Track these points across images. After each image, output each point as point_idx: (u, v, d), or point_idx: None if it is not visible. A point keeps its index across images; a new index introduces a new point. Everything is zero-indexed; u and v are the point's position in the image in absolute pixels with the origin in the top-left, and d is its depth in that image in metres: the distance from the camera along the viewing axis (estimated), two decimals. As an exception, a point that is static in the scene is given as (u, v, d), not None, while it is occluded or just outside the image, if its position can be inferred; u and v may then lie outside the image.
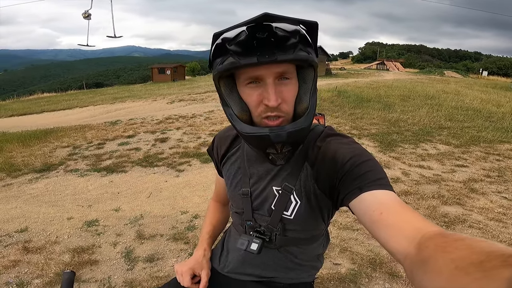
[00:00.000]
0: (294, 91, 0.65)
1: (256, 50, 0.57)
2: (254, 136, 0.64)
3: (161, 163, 4.38)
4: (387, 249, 0.51)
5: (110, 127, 6.71)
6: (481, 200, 3.30)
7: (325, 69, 32.56)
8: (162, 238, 2.50)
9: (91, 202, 3.18)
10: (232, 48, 0.59)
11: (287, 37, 0.58)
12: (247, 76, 0.62)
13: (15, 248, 2.32)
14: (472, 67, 63.98)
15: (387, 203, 0.55)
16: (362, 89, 13.05)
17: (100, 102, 13.61)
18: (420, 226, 0.47)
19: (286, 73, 0.62)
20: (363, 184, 0.58)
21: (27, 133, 6.32)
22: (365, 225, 0.56)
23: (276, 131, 0.62)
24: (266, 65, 0.59)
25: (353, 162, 0.62)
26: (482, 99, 11.94)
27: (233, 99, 0.66)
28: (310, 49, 0.62)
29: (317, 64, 0.65)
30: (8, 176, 3.91)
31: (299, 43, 0.59)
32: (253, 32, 0.57)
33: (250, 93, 0.64)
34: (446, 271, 0.33)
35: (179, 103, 10.79)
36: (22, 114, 12.13)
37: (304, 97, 0.65)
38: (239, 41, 0.58)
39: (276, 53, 0.57)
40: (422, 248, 0.41)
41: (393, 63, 52.65)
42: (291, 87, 0.64)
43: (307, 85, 0.65)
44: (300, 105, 0.65)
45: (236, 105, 0.66)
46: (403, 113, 8.49)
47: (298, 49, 0.59)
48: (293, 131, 0.63)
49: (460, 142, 5.78)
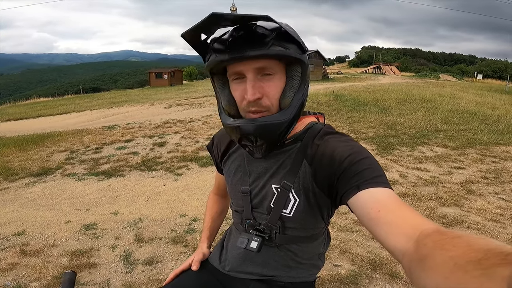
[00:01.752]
0: (277, 87, 0.66)
1: (230, 47, 0.60)
2: (229, 126, 0.68)
3: (159, 167, 4.36)
4: (386, 246, 0.51)
5: (108, 132, 6.69)
6: (478, 201, 3.32)
7: (322, 73, 32.75)
8: (161, 241, 2.49)
9: (89, 205, 3.17)
10: (213, 46, 0.63)
11: (263, 34, 0.60)
12: (231, 72, 0.66)
13: (13, 251, 2.29)
14: (467, 70, 64.57)
15: (385, 200, 0.55)
16: (359, 93, 13.14)
17: (98, 107, 13.58)
18: (418, 223, 0.47)
19: (266, 68, 0.63)
20: (361, 182, 0.59)
21: (24, 138, 6.28)
22: (363, 223, 0.57)
23: (247, 123, 0.65)
24: (244, 62, 0.62)
25: (351, 160, 0.63)
26: (477, 102, 12.07)
27: (224, 93, 0.70)
28: (291, 45, 0.63)
29: (303, 60, 0.65)
30: (5, 180, 3.88)
31: (273, 39, 0.60)
32: (232, 31, 0.60)
33: (236, 88, 0.67)
34: (445, 269, 0.33)
35: (177, 108, 10.78)
36: (18, 118, 12.06)
37: (288, 93, 0.66)
38: (219, 39, 0.62)
39: (247, 50, 0.60)
40: (420, 246, 0.41)
41: (389, 67, 53.11)
42: (273, 83, 0.65)
43: (293, 81, 0.66)
44: (284, 101, 0.66)
45: (225, 98, 0.70)
46: (400, 117, 8.56)
47: (270, 44, 0.60)
48: (262, 124, 0.65)
49: (457, 145, 5.82)
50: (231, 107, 0.70)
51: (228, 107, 0.70)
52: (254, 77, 0.63)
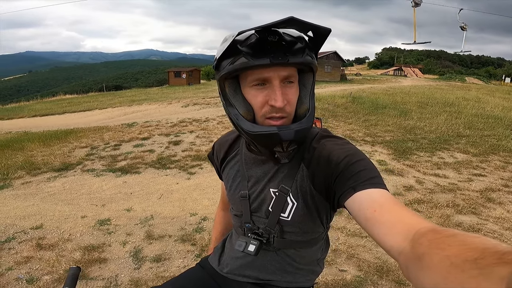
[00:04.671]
0: (297, 94, 0.69)
1: (269, 52, 0.61)
2: (262, 134, 0.66)
3: (174, 165, 4.45)
4: (382, 245, 0.51)
5: (127, 129, 6.88)
6: (497, 209, 3.18)
7: (340, 75, 32.26)
8: (170, 239, 2.54)
9: (105, 201, 3.27)
10: (244, 49, 0.62)
11: (295, 42, 0.62)
12: (254, 77, 0.65)
13: (29, 245, 2.40)
14: (494, 73, 61.80)
15: (381, 201, 0.56)
16: (377, 95, 12.86)
17: (119, 104, 13.97)
18: (414, 223, 0.48)
19: (290, 76, 0.66)
20: (357, 184, 0.60)
21: (48, 133, 6.56)
22: (360, 223, 0.58)
23: (285, 130, 0.65)
24: (275, 68, 0.63)
25: (347, 162, 0.64)
26: (504, 106, 11.54)
27: (238, 100, 0.68)
28: (313, 54, 0.66)
29: (317, 68, 0.69)
30: (27, 174, 4.07)
31: (306, 48, 0.64)
32: (264, 36, 0.61)
33: (256, 94, 0.66)
34: (442, 268, 0.33)
35: (193, 107, 10.93)
36: (44, 114, 12.58)
37: (305, 100, 0.69)
38: (252, 43, 0.61)
39: (288, 56, 0.61)
40: (416, 245, 0.42)
41: (411, 69, 51.59)
42: (294, 90, 0.68)
43: (306, 88, 0.70)
44: (301, 107, 0.69)
45: (241, 105, 0.68)
46: (420, 120, 8.31)
47: (305, 53, 0.63)
48: (299, 130, 0.66)
49: (479, 151, 5.59)
50: (248, 113, 0.68)
51: (246, 113, 0.68)
52: (280, 84, 0.65)
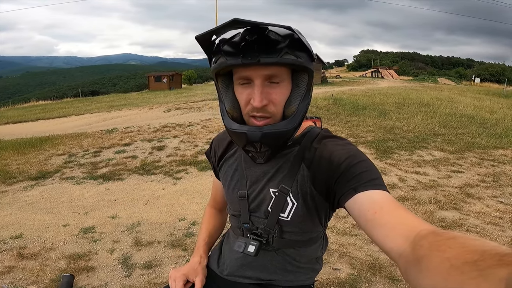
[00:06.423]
0: (284, 94, 0.65)
1: (242, 51, 0.59)
2: (234, 132, 0.67)
3: (158, 171, 4.36)
4: (382, 247, 0.51)
5: (107, 135, 6.68)
6: (477, 204, 3.32)
7: (321, 77, 32.86)
8: (159, 245, 2.48)
9: (88, 209, 3.15)
10: (224, 48, 0.62)
11: (277, 41, 0.60)
12: (239, 75, 0.65)
13: (10, 254, 2.28)
14: (465, 74, 64.77)
15: (381, 202, 0.56)
16: (357, 97, 13.18)
17: (96, 110, 13.55)
18: (414, 225, 0.48)
19: (274, 76, 0.63)
20: (358, 185, 0.60)
21: (22, 141, 6.27)
22: (360, 225, 0.57)
23: (253, 131, 0.65)
24: (254, 67, 0.61)
25: (348, 163, 0.63)
26: (475, 105, 12.12)
27: (227, 96, 0.69)
28: (302, 54, 0.62)
29: (311, 69, 0.65)
30: (3, 184, 3.86)
31: (286, 47, 0.60)
32: (244, 35, 0.60)
33: (242, 92, 0.66)
34: (441, 270, 0.33)
35: (176, 112, 10.77)
36: (17, 121, 12.00)
37: (294, 101, 0.66)
38: (230, 42, 0.61)
39: (259, 56, 0.59)
40: (416, 247, 0.42)
41: (387, 70, 53.36)
42: (280, 90, 0.65)
43: (299, 89, 0.66)
44: (289, 108, 0.66)
45: (228, 101, 0.69)
46: (399, 120, 8.58)
47: (283, 52, 0.60)
48: (269, 133, 0.65)
49: (455, 149, 5.84)
50: (234, 110, 0.69)
51: (232, 110, 0.69)
52: (262, 83, 0.63)
